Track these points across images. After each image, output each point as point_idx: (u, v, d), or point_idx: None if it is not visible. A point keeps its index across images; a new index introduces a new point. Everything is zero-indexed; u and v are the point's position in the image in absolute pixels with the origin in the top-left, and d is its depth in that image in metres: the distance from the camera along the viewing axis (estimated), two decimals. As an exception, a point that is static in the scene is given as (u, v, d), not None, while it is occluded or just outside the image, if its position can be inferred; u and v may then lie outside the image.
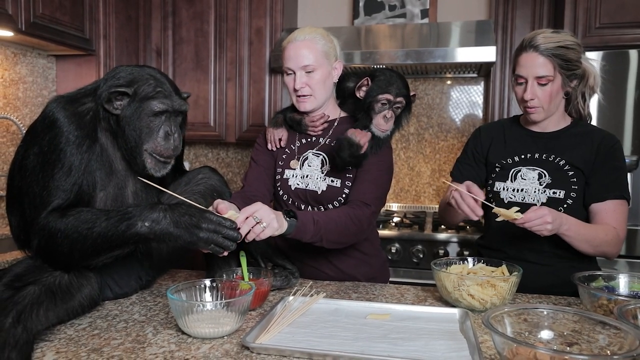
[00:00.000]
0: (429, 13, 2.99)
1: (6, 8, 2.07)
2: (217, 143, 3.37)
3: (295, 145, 1.59)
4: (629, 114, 2.34)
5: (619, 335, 0.87)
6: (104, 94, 1.16)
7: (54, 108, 1.14)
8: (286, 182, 1.56)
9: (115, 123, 1.18)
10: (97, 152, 1.18)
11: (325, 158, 1.53)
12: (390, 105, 1.46)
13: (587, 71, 1.50)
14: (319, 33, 1.50)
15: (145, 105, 1.16)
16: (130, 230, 1.04)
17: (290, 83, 1.50)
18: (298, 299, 1.22)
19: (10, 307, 0.96)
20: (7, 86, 2.48)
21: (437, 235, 2.53)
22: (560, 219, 1.32)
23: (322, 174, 1.52)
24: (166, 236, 1.05)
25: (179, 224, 1.04)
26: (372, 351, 0.95)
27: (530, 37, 1.45)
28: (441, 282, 1.25)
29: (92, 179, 1.17)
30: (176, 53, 3.09)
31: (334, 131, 1.56)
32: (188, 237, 1.05)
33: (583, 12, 2.44)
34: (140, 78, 1.18)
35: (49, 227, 1.07)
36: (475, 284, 1.20)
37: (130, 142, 1.18)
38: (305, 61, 1.45)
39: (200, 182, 1.37)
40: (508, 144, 1.58)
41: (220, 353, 0.96)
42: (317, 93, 1.49)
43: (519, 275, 1.24)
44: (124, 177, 1.23)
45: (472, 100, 3.11)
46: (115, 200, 1.21)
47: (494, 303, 1.19)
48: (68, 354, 0.96)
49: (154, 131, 1.18)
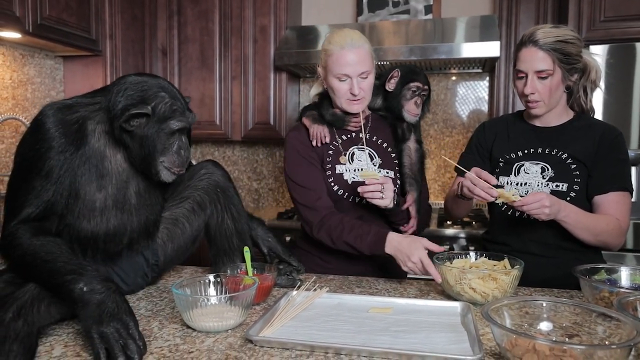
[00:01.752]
0: (432, 9, 2.99)
1: (14, 10, 2.10)
2: (223, 141, 3.39)
3: (338, 142, 1.61)
4: (635, 107, 2.33)
5: (618, 326, 0.88)
6: (123, 115, 1.15)
7: (43, 114, 1.14)
8: (341, 177, 1.57)
9: (129, 137, 1.18)
10: (86, 157, 1.16)
11: (373, 152, 1.61)
12: (419, 91, 1.59)
13: (588, 65, 1.50)
14: (363, 38, 1.53)
15: (164, 125, 1.17)
16: (70, 286, 0.96)
17: (343, 88, 1.51)
18: (301, 294, 1.23)
19: (11, 302, 0.97)
20: (16, 87, 2.52)
21: (442, 231, 2.53)
22: (559, 204, 1.34)
23: (376, 167, 1.59)
24: (82, 303, 0.95)
25: (102, 305, 0.94)
26: (374, 344, 0.96)
27: (530, 33, 1.46)
28: (443, 276, 1.26)
29: (76, 185, 1.15)
30: (182, 52, 3.11)
31: (371, 126, 1.65)
32: (94, 321, 0.93)
33: (587, 5, 2.43)
34: (153, 94, 1.18)
35: (14, 238, 1.07)
36: (477, 278, 1.21)
37: (146, 155, 1.19)
38: (363, 68, 1.49)
39: (204, 178, 1.37)
40: (511, 138, 1.59)
41: (225, 346, 0.98)
42: (368, 95, 1.56)
43: (521, 269, 1.24)
44: (126, 178, 1.23)
45: (477, 95, 3.10)
46: (116, 201, 1.21)
47: (495, 296, 1.20)
48: (76, 347, 0.98)
49: (169, 147, 1.20)
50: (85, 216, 1.18)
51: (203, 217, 1.37)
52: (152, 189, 1.28)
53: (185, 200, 1.36)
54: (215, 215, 1.37)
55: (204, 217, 1.37)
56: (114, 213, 1.21)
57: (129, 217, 1.23)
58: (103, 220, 1.19)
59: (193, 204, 1.36)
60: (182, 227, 1.36)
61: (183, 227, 1.36)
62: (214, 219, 1.37)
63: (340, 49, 1.48)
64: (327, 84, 1.56)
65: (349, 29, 1.55)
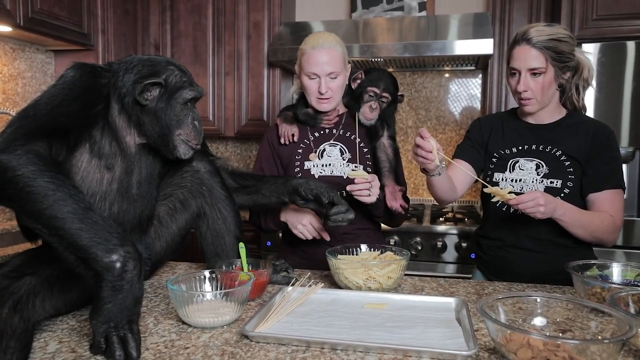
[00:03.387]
0: (426, 6, 2.99)
1: (4, 3, 2.08)
2: (216, 137, 3.38)
3: (309, 140, 1.70)
4: (626, 105, 2.35)
5: (610, 321, 0.89)
6: (137, 86, 1.15)
7: (75, 70, 1.13)
8: (308, 172, 1.67)
9: (141, 112, 1.18)
10: (100, 125, 1.15)
11: (344, 147, 1.68)
12: (376, 97, 1.65)
13: (581, 64, 1.53)
14: (337, 41, 1.63)
15: (177, 95, 1.19)
16: (104, 256, 0.85)
17: (313, 86, 1.62)
18: (297, 290, 1.23)
19: (7, 297, 0.95)
20: (6, 81, 2.49)
21: (435, 228, 2.55)
22: (555, 203, 1.36)
23: (345, 161, 1.66)
24: (112, 276, 0.86)
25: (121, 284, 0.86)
26: (369, 339, 0.96)
27: (523, 31, 1.48)
28: (333, 269, 1.31)
29: (88, 135, 1.11)
30: (174, 47, 3.10)
31: (344, 122, 1.72)
32: (110, 298, 0.86)
33: (580, 4, 2.45)
34: (162, 68, 1.20)
35: (8, 161, 0.88)
36: (350, 269, 1.27)
37: (162, 128, 1.19)
38: (332, 68, 1.59)
39: (186, 175, 1.33)
40: (506, 135, 1.61)
41: (220, 342, 0.98)
42: (337, 95, 1.64)
43: (401, 261, 1.29)
44: (132, 163, 1.21)
45: (470, 92, 3.12)
46: (120, 185, 1.19)
47: (369, 287, 1.27)
48: (71, 343, 0.97)
49: (184, 119, 1.21)
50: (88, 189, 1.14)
51: (187, 215, 1.34)
52: (151, 181, 1.27)
53: (168, 198, 1.34)
54: (204, 216, 1.34)
55: (188, 215, 1.34)
56: (117, 199, 1.19)
57: (128, 207, 1.21)
58: (106, 206, 1.17)
59: (175, 202, 1.34)
60: (167, 225, 1.34)
61: (168, 225, 1.34)
62: (204, 220, 1.35)
63: (312, 49, 1.59)
64: (300, 82, 1.66)
65: (326, 32, 1.67)
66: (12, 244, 2.12)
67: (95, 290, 0.86)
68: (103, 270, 0.85)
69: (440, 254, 2.54)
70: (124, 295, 0.86)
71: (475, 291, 1.32)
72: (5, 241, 2.21)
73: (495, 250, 1.60)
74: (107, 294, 0.85)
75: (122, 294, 0.86)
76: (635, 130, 2.34)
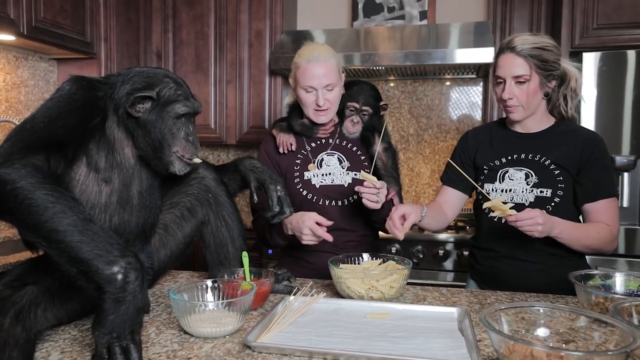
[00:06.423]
0: (427, 15, 3.01)
1: (8, 12, 2.09)
2: (218, 145, 3.39)
3: (307, 150, 1.71)
4: (627, 114, 2.35)
5: (614, 332, 0.89)
6: (129, 98, 1.15)
7: (71, 83, 1.13)
8: (309, 182, 1.67)
9: (135, 124, 1.18)
10: (97, 138, 1.15)
11: (341, 156, 1.70)
12: (357, 111, 1.69)
13: (568, 74, 1.54)
14: (331, 52, 1.63)
15: (169, 108, 1.18)
16: (105, 268, 0.85)
17: (310, 99, 1.62)
18: (299, 299, 1.23)
19: (9, 306, 0.95)
20: (9, 90, 2.50)
21: (436, 236, 2.54)
22: (552, 222, 1.36)
23: (344, 170, 1.68)
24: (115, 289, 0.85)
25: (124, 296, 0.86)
26: (372, 349, 0.96)
27: (508, 40, 1.51)
28: (335, 278, 1.31)
29: (85, 149, 1.12)
30: (177, 55, 3.11)
31: (340, 132, 1.73)
32: (112, 310, 0.86)
33: (580, 13, 2.46)
34: (158, 81, 1.19)
35: (7, 174, 0.88)
36: (353, 278, 1.27)
37: (155, 143, 1.18)
38: (328, 80, 1.59)
39: (193, 183, 1.34)
40: (495, 145, 1.62)
41: (223, 352, 0.98)
42: (334, 106, 1.65)
43: (403, 270, 1.30)
44: (131, 174, 1.22)
45: (471, 101, 3.13)
46: (120, 197, 1.19)
47: (371, 296, 1.26)
48: (73, 353, 0.97)
49: (177, 133, 1.20)
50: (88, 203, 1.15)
51: (194, 223, 1.35)
52: (153, 191, 1.27)
53: (176, 207, 1.35)
54: (209, 224, 1.35)
55: (195, 223, 1.35)
56: (118, 210, 1.19)
57: (129, 218, 1.22)
58: (106, 218, 1.17)
59: (183, 210, 1.34)
60: (173, 233, 1.34)
61: (174, 233, 1.34)
62: (208, 228, 1.35)
63: (307, 63, 1.59)
64: (296, 95, 1.67)
65: (319, 43, 1.68)
66: (14, 252, 2.12)
67: (98, 302, 0.86)
68: (105, 282, 0.85)
69: (441, 262, 2.54)
70: (127, 306, 0.86)
71: (478, 301, 1.32)
72: (6, 249, 2.21)
73: (489, 260, 1.60)
74: (109, 305, 0.85)
75: (124, 305, 0.86)
76: (636, 139, 2.34)
